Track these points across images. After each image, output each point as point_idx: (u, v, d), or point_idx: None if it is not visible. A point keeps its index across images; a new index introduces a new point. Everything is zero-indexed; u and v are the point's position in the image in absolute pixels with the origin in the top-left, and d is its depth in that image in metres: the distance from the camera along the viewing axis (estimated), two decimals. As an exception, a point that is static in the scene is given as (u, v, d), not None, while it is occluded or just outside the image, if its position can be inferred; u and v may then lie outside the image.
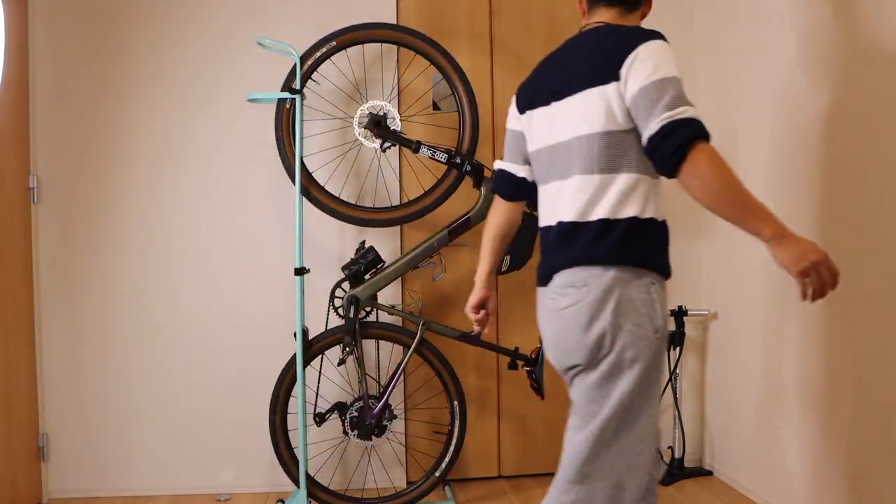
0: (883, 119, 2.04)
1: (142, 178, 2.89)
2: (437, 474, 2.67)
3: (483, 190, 2.58)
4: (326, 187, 2.73)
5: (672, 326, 3.07)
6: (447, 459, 2.66)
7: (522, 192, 1.81)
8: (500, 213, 1.85)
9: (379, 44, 2.78)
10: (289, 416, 2.65)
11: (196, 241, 2.91)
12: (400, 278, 2.89)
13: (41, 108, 2.83)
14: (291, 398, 2.60)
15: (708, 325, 3.11)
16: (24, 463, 2.72)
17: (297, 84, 2.52)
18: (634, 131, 1.53)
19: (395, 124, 2.61)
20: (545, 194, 1.69)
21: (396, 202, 2.95)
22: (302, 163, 2.54)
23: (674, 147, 1.42)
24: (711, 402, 3.09)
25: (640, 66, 1.48)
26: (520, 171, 1.80)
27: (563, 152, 1.61)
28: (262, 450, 2.89)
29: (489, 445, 3.08)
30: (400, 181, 2.97)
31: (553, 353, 1.65)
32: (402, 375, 2.95)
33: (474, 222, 2.59)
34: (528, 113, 1.72)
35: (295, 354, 2.56)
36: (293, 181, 2.54)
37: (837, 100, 2.23)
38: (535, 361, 2.62)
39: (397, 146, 2.77)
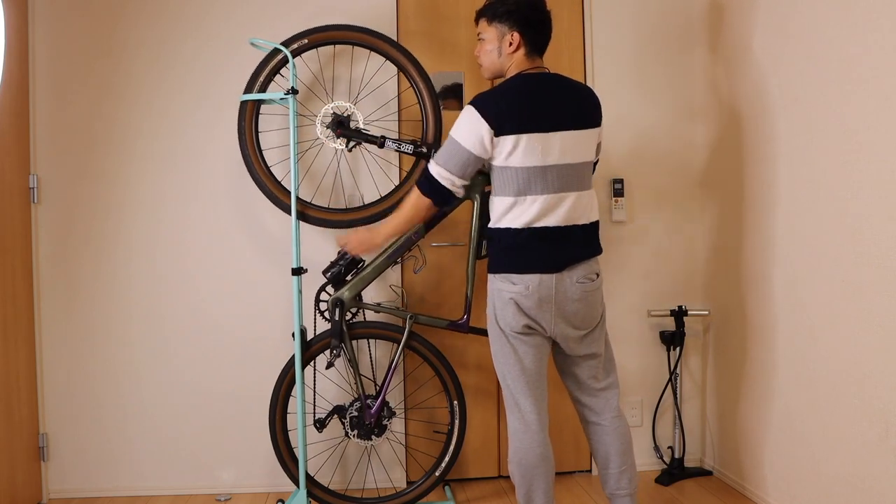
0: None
1: (142, 178, 2.89)
2: (436, 474, 2.66)
3: None
4: (299, 192, 2.71)
5: (672, 326, 3.09)
6: (447, 459, 2.66)
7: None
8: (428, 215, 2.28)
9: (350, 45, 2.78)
10: (288, 416, 2.65)
11: (196, 240, 2.91)
12: (383, 275, 2.88)
13: (41, 108, 2.84)
14: (291, 398, 2.60)
15: (708, 325, 3.11)
16: (24, 463, 2.72)
17: (292, 83, 2.53)
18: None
19: (359, 124, 2.62)
20: (559, 201, 2.07)
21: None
22: (293, 169, 2.55)
23: None
24: (711, 402, 3.09)
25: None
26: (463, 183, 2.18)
27: (577, 170, 2.10)
28: (262, 450, 2.90)
29: (489, 445, 3.08)
30: (373, 180, 2.97)
31: (577, 321, 2.12)
32: (403, 374, 2.95)
33: (448, 211, 2.58)
34: (515, 136, 2.04)
35: (294, 355, 2.56)
36: (259, 187, 2.59)
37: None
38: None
39: (362, 145, 2.79)
